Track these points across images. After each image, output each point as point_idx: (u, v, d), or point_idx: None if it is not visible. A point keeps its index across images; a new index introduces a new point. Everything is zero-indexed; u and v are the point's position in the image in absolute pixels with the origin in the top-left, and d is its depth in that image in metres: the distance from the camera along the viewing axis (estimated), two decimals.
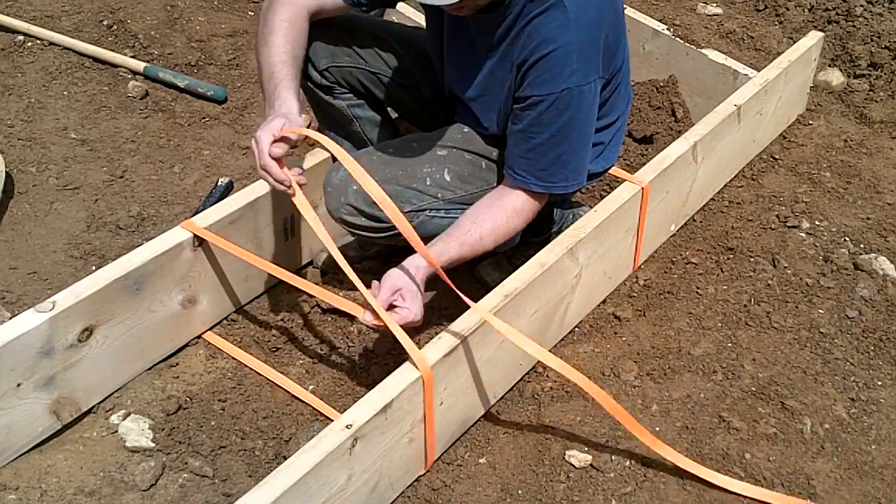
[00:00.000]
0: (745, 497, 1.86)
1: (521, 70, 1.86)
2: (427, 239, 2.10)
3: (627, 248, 2.35)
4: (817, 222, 2.62)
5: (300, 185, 1.86)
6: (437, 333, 1.85)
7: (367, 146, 2.26)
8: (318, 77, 2.16)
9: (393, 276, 1.81)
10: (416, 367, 1.73)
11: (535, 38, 1.82)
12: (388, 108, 2.34)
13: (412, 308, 1.77)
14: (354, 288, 2.27)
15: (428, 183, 2.04)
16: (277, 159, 1.80)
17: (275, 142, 1.78)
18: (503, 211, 1.95)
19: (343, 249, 2.36)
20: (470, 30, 1.95)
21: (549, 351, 2.20)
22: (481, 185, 2.12)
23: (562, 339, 2.24)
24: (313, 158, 2.29)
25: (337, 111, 2.23)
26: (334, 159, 2.26)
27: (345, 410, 1.69)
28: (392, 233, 2.01)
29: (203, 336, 2.18)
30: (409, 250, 1.85)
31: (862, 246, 2.54)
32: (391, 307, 1.78)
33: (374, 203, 1.96)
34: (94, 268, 2.30)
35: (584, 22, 1.82)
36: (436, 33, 2.07)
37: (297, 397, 2.06)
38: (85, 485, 1.83)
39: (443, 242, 1.89)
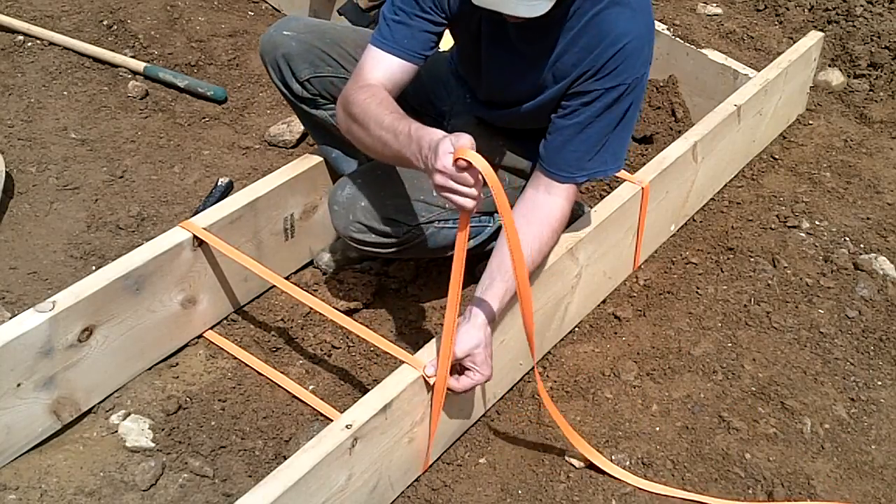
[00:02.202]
0: None
1: (589, 69, 1.84)
2: (437, 250, 2.09)
3: (627, 248, 2.35)
4: (817, 222, 2.62)
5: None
6: (437, 333, 1.85)
7: (359, 152, 2.25)
8: (299, 89, 2.12)
9: (467, 341, 1.75)
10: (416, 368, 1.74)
11: (606, 34, 1.81)
12: None
13: (483, 371, 1.76)
14: (352, 289, 2.28)
15: (435, 193, 2.02)
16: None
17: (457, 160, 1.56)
18: (548, 226, 1.90)
19: (343, 250, 2.36)
20: (510, 37, 1.92)
21: (549, 352, 2.21)
22: (487, 192, 2.10)
23: (562, 339, 2.24)
24: (312, 160, 2.29)
25: (321, 120, 2.20)
26: (335, 178, 2.25)
27: (345, 410, 1.69)
28: (401, 247, 2.01)
29: (203, 334, 2.18)
30: (415, 258, 1.81)
31: (862, 246, 2.54)
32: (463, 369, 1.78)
33: (384, 218, 1.94)
34: (94, 268, 2.30)
35: (645, 11, 1.85)
36: (469, 46, 2.02)
37: (297, 397, 2.06)
38: (85, 485, 1.83)
39: (492, 290, 1.82)
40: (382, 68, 1.88)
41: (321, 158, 2.30)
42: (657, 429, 2.01)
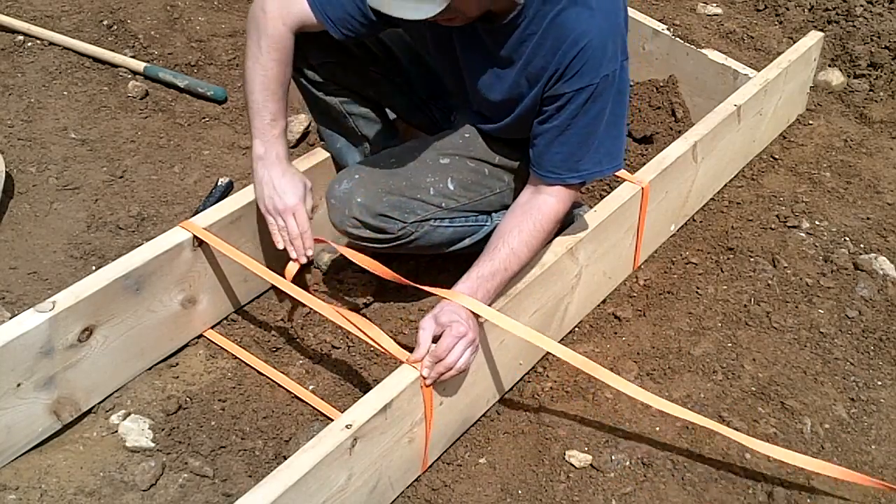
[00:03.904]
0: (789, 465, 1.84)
1: (556, 72, 1.84)
2: (433, 248, 2.09)
3: (627, 248, 2.35)
4: (817, 222, 2.62)
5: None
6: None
7: (363, 141, 2.26)
8: (311, 73, 2.14)
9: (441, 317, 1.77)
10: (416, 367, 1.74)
11: (565, 36, 1.81)
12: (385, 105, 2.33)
13: (453, 328, 1.75)
14: (352, 289, 2.28)
15: (431, 192, 2.03)
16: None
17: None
18: (530, 217, 1.91)
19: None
20: (484, 40, 1.92)
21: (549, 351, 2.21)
22: (484, 193, 2.11)
23: (562, 339, 2.24)
24: (313, 159, 2.29)
25: (331, 107, 2.22)
26: (337, 172, 2.28)
27: (345, 410, 1.69)
28: (396, 243, 2.01)
29: (203, 333, 2.18)
30: (414, 255, 1.82)
31: (862, 246, 2.54)
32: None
33: (379, 215, 1.96)
34: (94, 268, 2.30)
35: (606, 9, 1.84)
36: (445, 49, 2.03)
37: (297, 397, 2.06)
38: (85, 485, 1.83)
39: (477, 268, 1.85)
40: (302, 12, 1.95)
41: (322, 158, 2.30)
42: (657, 429, 2.01)
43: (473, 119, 2.13)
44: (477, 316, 1.81)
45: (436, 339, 1.75)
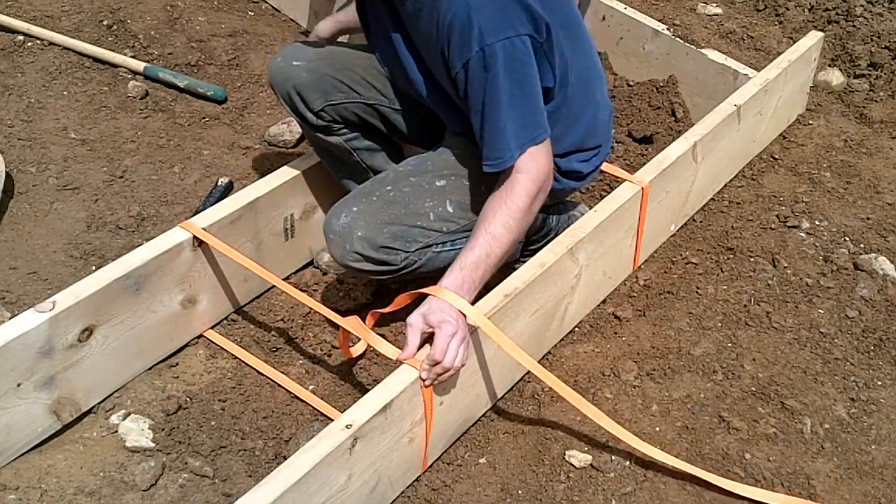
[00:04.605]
0: (745, 498, 1.86)
1: (443, 49, 1.82)
2: (437, 271, 2.07)
3: (627, 248, 2.35)
4: (817, 222, 2.62)
5: None
6: None
7: (368, 174, 2.22)
8: (313, 118, 2.12)
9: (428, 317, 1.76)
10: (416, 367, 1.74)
11: (440, 11, 1.79)
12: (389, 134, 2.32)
13: (440, 328, 1.74)
14: (352, 289, 2.28)
15: (431, 218, 1.99)
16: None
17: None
18: (503, 200, 1.86)
19: None
20: (401, 17, 1.93)
21: (549, 351, 2.21)
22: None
23: (562, 339, 2.24)
24: (307, 162, 2.29)
25: (335, 147, 2.20)
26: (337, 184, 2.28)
27: (345, 410, 1.69)
28: (400, 273, 1.99)
29: (203, 333, 2.18)
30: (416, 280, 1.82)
31: (862, 246, 2.54)
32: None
33: (382, 247, 1.93)
34: (94, 268, 2.30)
35: None
36: (380, 28, 2.03)
37: (297, 397, 2.06)
38: (85, 485, 1.83)
39: (460, 260, 1.82)
40: None
41: (316, 161, 2.30)
42: (657, 429, 2.01)
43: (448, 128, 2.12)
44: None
45: (429, 339, 1.75)
